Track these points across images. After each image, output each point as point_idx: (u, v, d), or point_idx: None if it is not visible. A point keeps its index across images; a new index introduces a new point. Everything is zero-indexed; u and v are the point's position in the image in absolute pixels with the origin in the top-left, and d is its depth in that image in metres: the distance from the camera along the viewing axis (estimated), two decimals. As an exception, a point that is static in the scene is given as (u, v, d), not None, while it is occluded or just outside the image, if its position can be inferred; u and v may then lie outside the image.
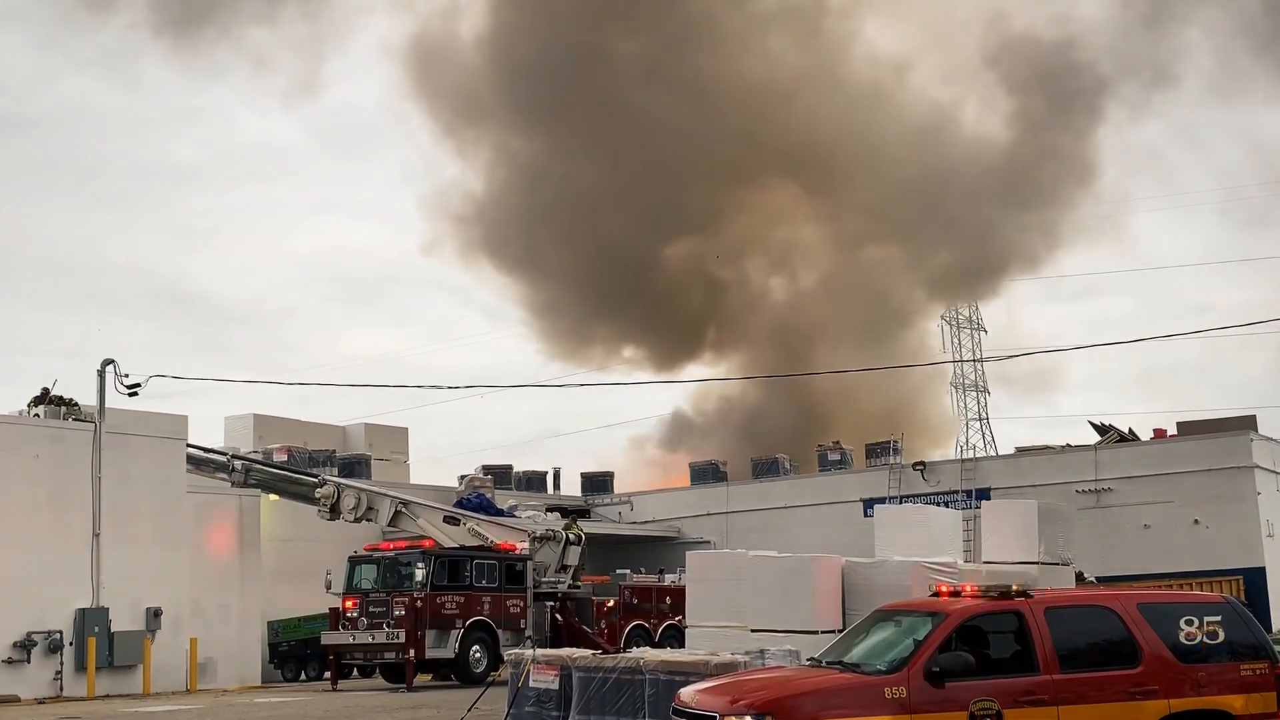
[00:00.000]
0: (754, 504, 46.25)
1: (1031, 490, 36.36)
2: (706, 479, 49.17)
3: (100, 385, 31.14)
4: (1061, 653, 11.62)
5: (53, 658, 29.29)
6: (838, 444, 48.14)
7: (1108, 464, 41.01)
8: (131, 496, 31.25)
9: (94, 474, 30.57)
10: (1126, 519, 39.74)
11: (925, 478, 43.52)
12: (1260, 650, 12.20)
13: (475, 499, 35.70)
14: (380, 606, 29.39)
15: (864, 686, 11.21)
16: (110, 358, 31.21)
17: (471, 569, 30.23)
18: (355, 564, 30.73)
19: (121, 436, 31.42)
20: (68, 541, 30.00)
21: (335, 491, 34.50)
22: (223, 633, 33.20)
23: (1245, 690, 11.91)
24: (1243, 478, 38.88)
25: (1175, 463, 39.89)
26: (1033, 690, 11.40)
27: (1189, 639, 11.98)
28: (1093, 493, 40.16)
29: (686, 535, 46.70)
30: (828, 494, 45.18)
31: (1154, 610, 12.19)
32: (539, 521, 33.69)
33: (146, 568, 31.22)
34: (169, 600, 31.60)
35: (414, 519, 33.75)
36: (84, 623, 29.74)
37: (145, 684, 30.32)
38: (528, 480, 49.32)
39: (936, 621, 11.71)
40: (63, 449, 30.48)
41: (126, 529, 30.87)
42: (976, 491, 40.81)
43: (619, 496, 50.54)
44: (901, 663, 11.35)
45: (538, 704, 19.11)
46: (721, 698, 11.44)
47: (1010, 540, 25.54)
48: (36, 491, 29.83)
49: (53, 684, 29.16)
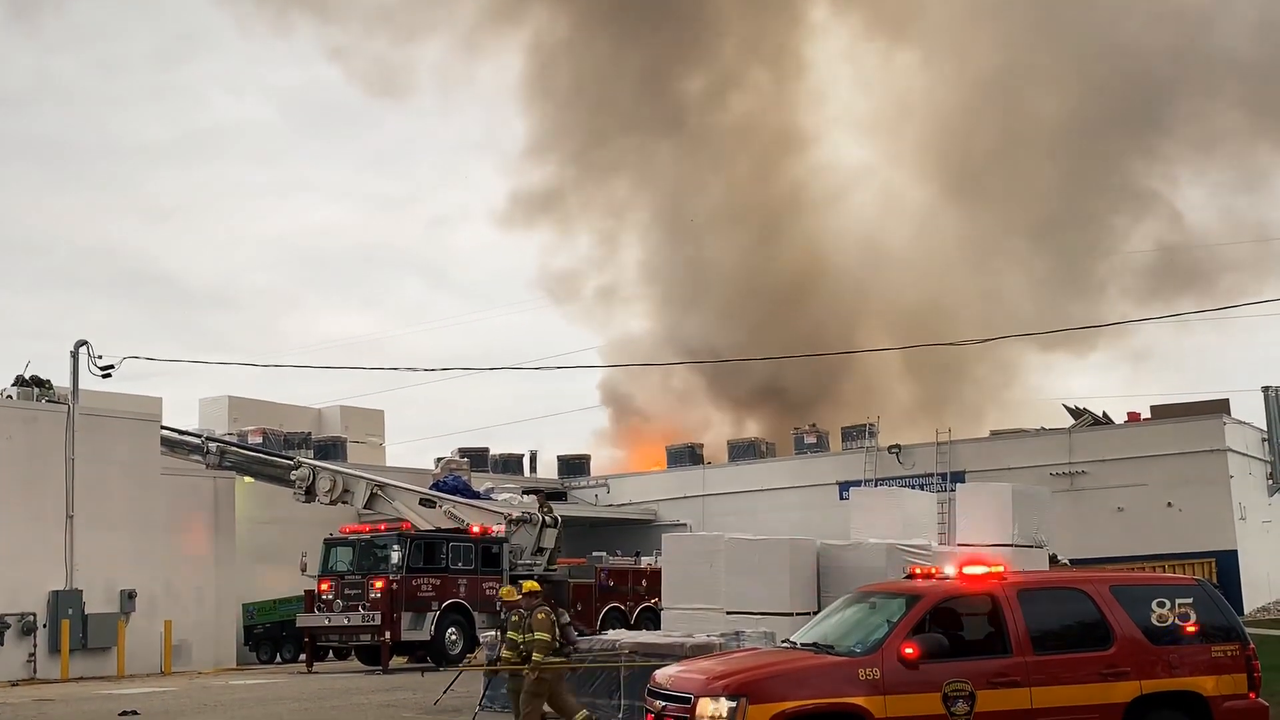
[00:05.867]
0: (730, 487, 46.38)
1: (1006, 473, 36.63)
2: (683, 462, 49.26)
3: (74, 367, 31.02)
4: (1034, 634, 11.69)
5: (26, 640, 29.16)
6: (814, 427, 48.26)
7: (1082, 447, 41.26)
8: (105, 478, 31.09)
9: (68, 456, 30.40)
10: (1100, 502, 40.02)
11: (901, 461, 43.69)
12: (1231, 632, 12.29)
13: (451, 481, 35.67)
14: (356, 589, 29.37)
15: (838, 667, 11.25)
16: (83, 339, 31.12)
17: (447, 551, 30.23)
18: (331, 546, 30.69)
19: (95, 418, 31.27)
20: (41, 523, 29.84)
21: (310, 474, 34.46)
22: (197, 615, 33.08)
23: (1216, 672, 11.99)
24: (1216, 461, 39.20)
25: (1149, 446, 40.19)
26: (1005, 671, 11.47)
27: (1160, 621, 12.06)
28: (1067, 475, 40.42)
29: (663, 518, 46.82)
30: (804, 477, 45.34)
31: (1126, 593, 12.27)
32: (515, 504, 33.69)
33: (121, 550, 31.08)
34: (143, 582, 31.48)
35: (390, 501, 33.72)
36: (58, 605, 29.60)
37: (119, 666, 30.24)
38: (504, 463, 49.32)
39: (910, 603, 11.76)
40: (36, 430, 30.30)
41: (101, 511, 30.73)
42: (952, 474, 41.04)
43: (595, 479, 50.62)
44: (875, 644, 11.39)
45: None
46: (697, 679, 11.47)
47: (985, 523, 25.73)
48: (9, 473, 29.64)
49: (26, 666, 29.03)
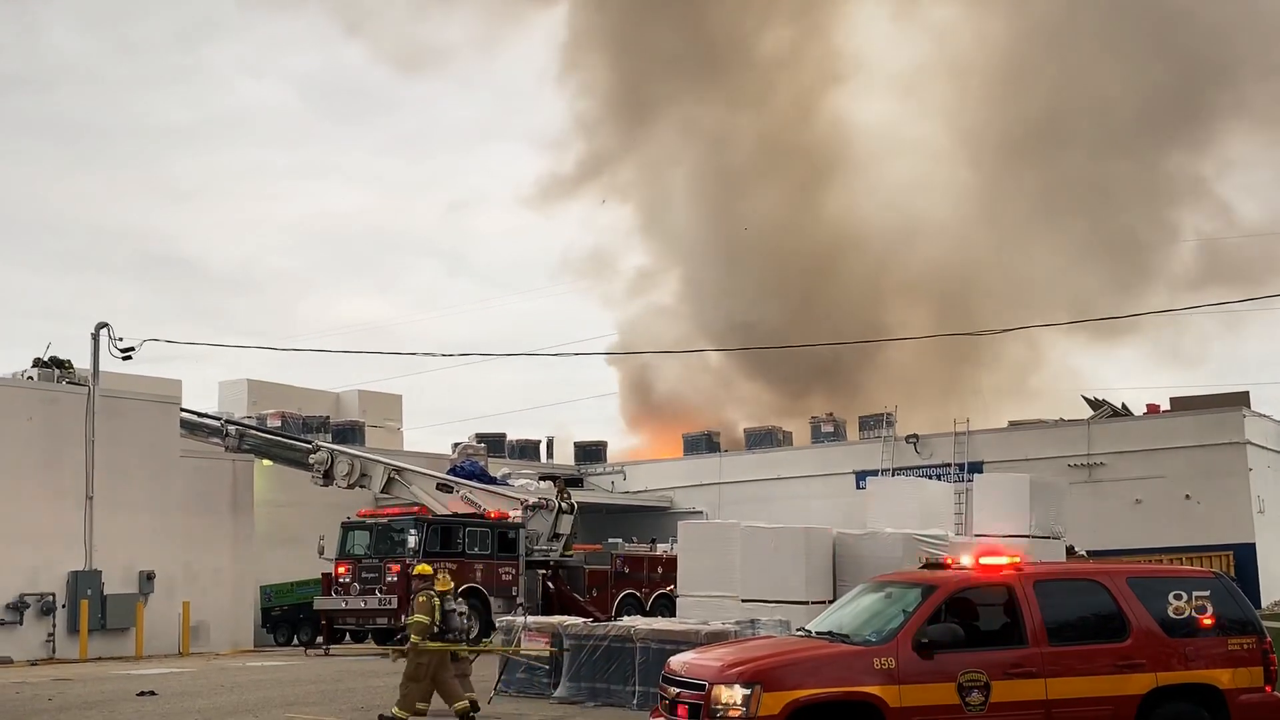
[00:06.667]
0: (746, 475, 46.35)
1: (1024, 464, 36.52)
2: (699, 449, 49.25)
3: (94, 349, 31.13)
4: (1050, 626, 11.67)
5: (45, 620, 29.36)
6: (831, 416, 48.19)
7: (1100, 438, 41.10)
8: (125, 460, 31.26)
9: (88, 437, 30.58)
10: (1118, 493, 39.85)
11: (918, 450, 43.60)
12: (1248, 625, 12.25)
13: (469, 467, 35.71)
14: (373, 572, 29.48)
15: (853, 656, 11.25)
16: (104, 321, 31.26)
17: (464, 536, 30.30)
18: (348, 530, 30.80)
19: (115, 400, 31.43)
20: (61, 504, 30.03)
21: (329, 457, 34.56)
22: (215, 596, 33.23)
23: (1232, 665, 11.95)
24: (1235, 454, 38.96)
25: (1168, 438, 39.99)
26: (1021, 662, 11.45)
27: (1177, 613, 12.03)
28: (1085, 467, 40.27)
29: (679, 505, 46.83)
30: (821, 466, 45.28)
31: (1143, 585, 12.23)
32: (532, 490, 33.75)
33: (140, 531, 31.27)
34: (162, 564, 31.66)
35: (407, 486, 33.81)
36: (77, 585, 29.80)
37: (138, 647, 30.43)
38: (521, 449, 49.37)
39: (926, 593, 11.75)
40: (56, 412, 30.47)
41: (120, 492, 30.90)
42: (969, 465, 40.95)
43: (612, 466, 50.64)
44: (891, 634, 11.38)
45: (529, 671, 19.20)
46: (711, 666, 11.48)
47: (1002, 513, 25.67)
48: (30, 454, 29.83)
49: (45, 646, 29.24)
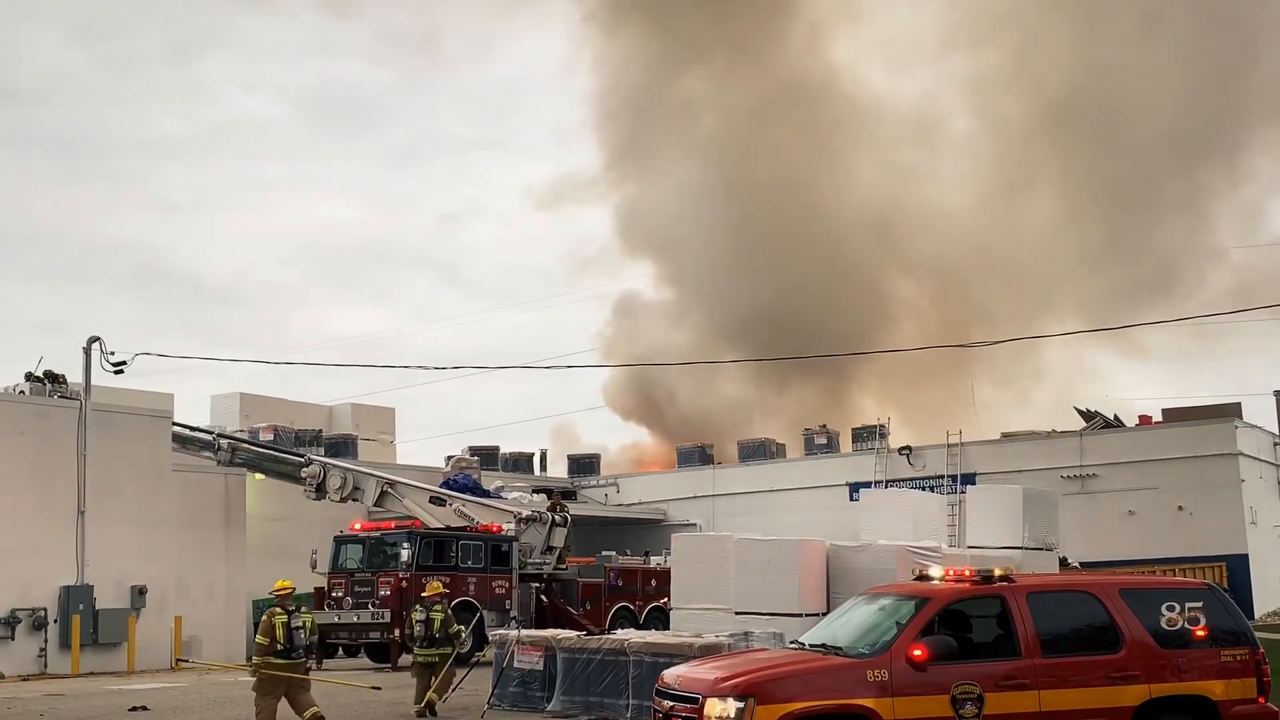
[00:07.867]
0: (740, 487, 46.34)
1: (1017, 475, 36.54)
2: (693, 462, 49.25)
3: (86, 363, 31.11)
4: (1043, 637, 11.69)
5: (37, 634, 29.26)
6: (824, 428, 48.19)
7: (1093, 450, 41.14)
8: (117, 474, 31.19)
9: (79, 451, 30.50)
10: (1111, 505, 39.87)
11: (911, 462, 43.62)
12: (1241, 636, 12.27)
13: (462, 480, 35.63)
14: (366, 586, 29.40)
15: (847, 669, 11.26)
16: (96, 335, 31.28)
17: (457, 549, 30.24)
18: (341, 544, 30.71)
19: (107, 414, 31.39)
20: (53, 518, 29.95)
21: (321, 471, 34.49)
22: (207, 611, 33.12)
23: (1226, 676, 11.98)
24: (1227, 465, 39.03)
25: (1160, 449, 40.03)
26: (1014, 674, 11.47)
27: (1170, 625, 12.05)
28: (1078, 478, 40.30)
29: (672, 518, 46.74)
30: (814, 478, 45.27)
31: (1135, 596, 12.26)
32: (525, 503, 33.69)
33: (131, 545, 31.19)
34: (154, 578, 31.56)
35: (400, 499, 33.74)
36: (69, 600, 29.71)
37: (130, 661, 30.32)
38: (514, 461, 49.32)
39: (920, 605, 11.76)
40: (48, 426, 30.41)
41: (112, 507, 30.82)
42: (962, 476, 40.97)
43: (605, 478, 50.61)
44: (884, 646, 11.39)
45: (523, 684, 19.20)
46: (705, 679, 11.48)
47: (995, 525, 25.66)
48: (22, 468, 29.75)
49: (37, 660, 29.14)
